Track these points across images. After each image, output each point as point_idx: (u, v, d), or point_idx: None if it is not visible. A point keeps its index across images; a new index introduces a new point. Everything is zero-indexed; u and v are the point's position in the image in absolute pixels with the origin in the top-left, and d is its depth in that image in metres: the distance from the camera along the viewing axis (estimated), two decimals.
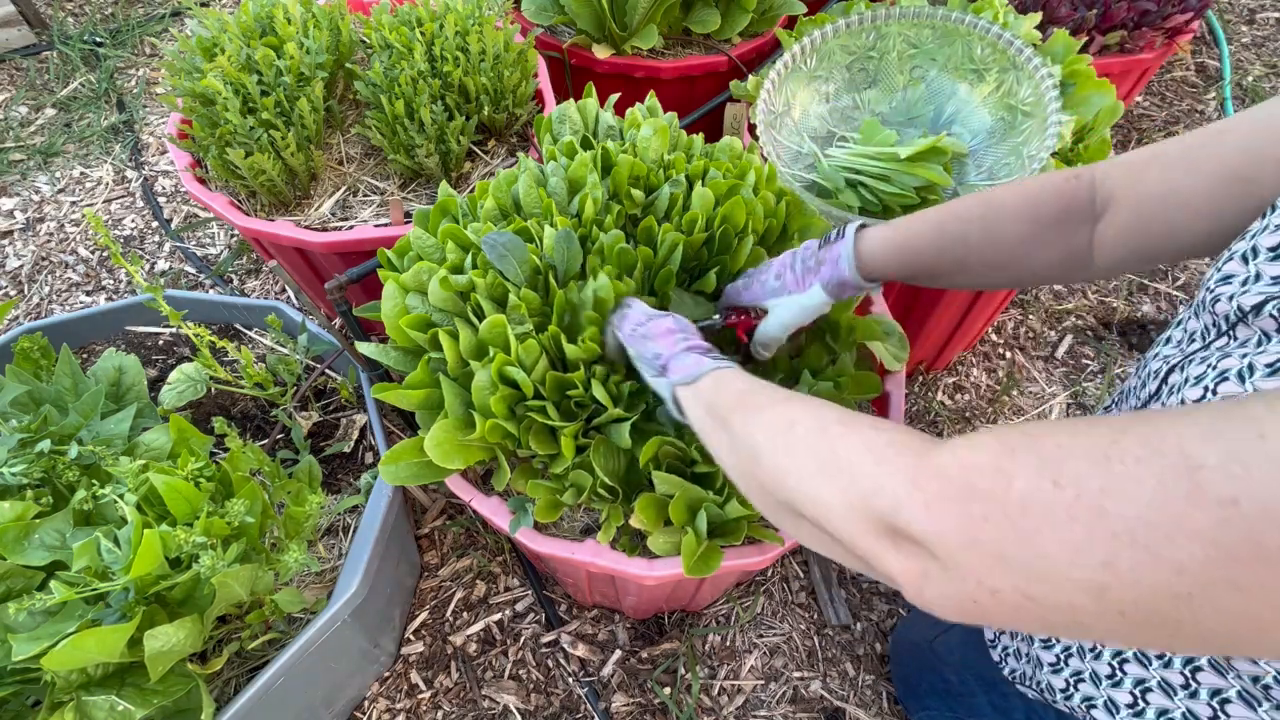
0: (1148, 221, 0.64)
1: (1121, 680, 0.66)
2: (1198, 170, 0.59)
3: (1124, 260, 0.68)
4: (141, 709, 0.74)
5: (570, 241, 0.83)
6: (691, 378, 0.65)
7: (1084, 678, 0.72)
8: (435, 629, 1.36)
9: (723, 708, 1.28)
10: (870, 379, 0.97)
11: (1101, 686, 0.68)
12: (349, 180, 1.39)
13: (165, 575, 0.76)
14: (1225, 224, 0.58)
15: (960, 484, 0.37)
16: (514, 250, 0.82)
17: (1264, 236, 0.51)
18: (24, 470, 0.81)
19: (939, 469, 0.39)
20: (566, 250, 0.84)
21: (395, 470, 0.86)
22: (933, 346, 1.66)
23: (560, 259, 0.84)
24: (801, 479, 0.47)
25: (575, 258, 0.84)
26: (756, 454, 0.52)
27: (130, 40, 2.51)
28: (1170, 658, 0.60)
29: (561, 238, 0.83)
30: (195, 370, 1.06)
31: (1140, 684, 0.64)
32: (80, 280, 1.89)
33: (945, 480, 0.38)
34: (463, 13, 1.34)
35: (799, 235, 1.05)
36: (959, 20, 1.12)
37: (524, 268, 0.83)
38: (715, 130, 1.64)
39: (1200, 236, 0.61)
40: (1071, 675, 0.73)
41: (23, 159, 2.14)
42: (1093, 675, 0.70)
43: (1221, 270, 0.54)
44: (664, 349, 0.71)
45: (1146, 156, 0.65)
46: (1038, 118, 1.06)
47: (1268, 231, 0.51)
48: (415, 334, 0.85)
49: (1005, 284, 0.79)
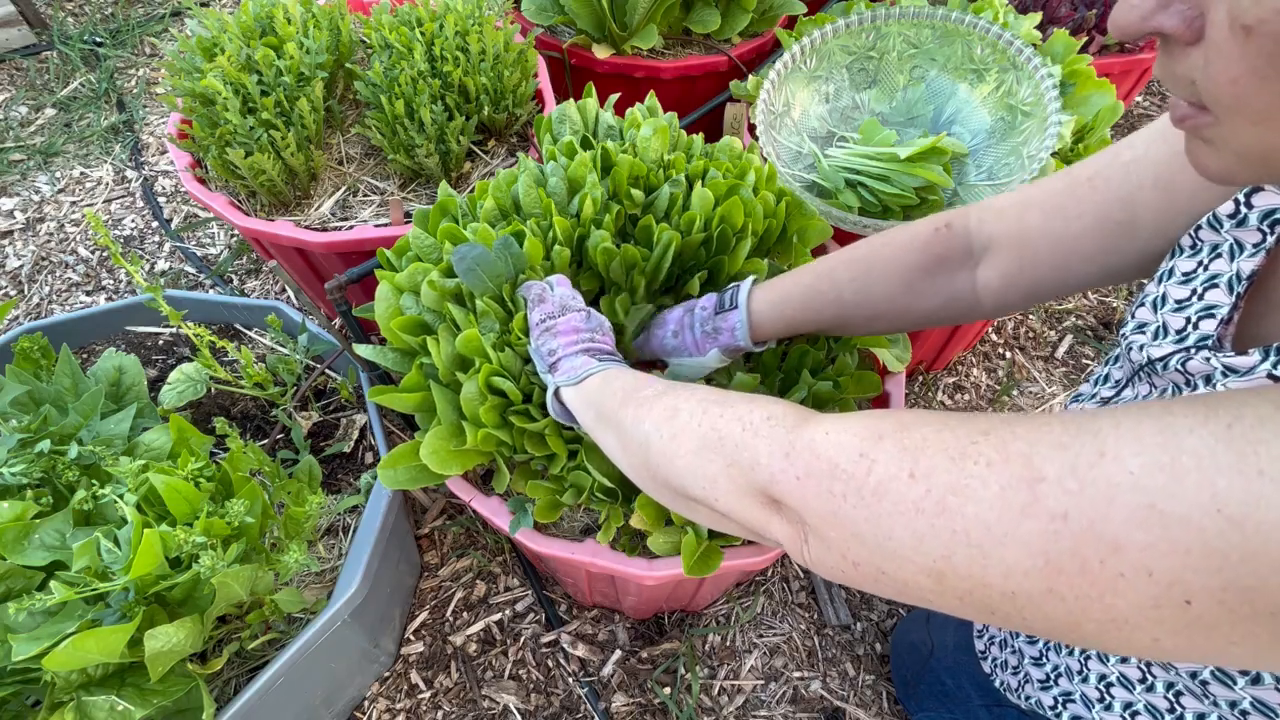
0: (1035, 265, 0.65)
1: (1111, 703, 0.67)
2: (1079, 217, 0.61)
3: (1016, 301, 0.70)
4: (141, 709, 0.74)
5: (510, 246, 0.82)
6: (576, 379, 0.66)
7: (1073, 698, 0.72)
8: (435, 629, 1.36)
9: (723, 708, 1.28)
10: (870, 379, 0.97)
11: (1094, 711, 0.69)
12: (349, 180, 1.39)
13: (165, 575, 0.76)
14: (1113, 263, 0.60)
15: (826, 462, 0.40)
16: (483, 264, 0.81)
17: (1173, 286, 0.52)
18: (24, 470, 0.81)
19: (810, 444, 0.41)
20: (508, 256, 0.82)
21: (394, 474, 0.85)
22: (933, 346, 1.66)
23: (505, 266, 0.83)
24: (688, 460, 0.49)
25: (520, 262, 0.83)
26: (647, 444, 0.53)
27: (130, 40, 2.51)
28: (1153, 682, 0.61)
29: (501, 244, 0.82)
30: (195, 370, 1.06)
31: (1128, 707, 0.64)
32: (80, 280, 1.89)
33: (813, 456, 0.41)
34: (463, 13, 1.34)
35: (798, 236, 1.05)
36: (959, 20, 1.12)
37: (495, 281, 0.82)
38: (715, 130, 1.64)
39: (1093, 275, 0.63)
40: (1060, 694, 0.74)
41: (23, 159, 2.14)
42: (1082, 697, 0.70)
43: (1135, 317, 0.56)
44: (559, 346, 0.71)
45: (1021, 201, 0.66)
46: (1038, 118, 1.06)
47: (1174, 281, 0.52)
48: (407, 337, 0.85)
49: (892, 331, 0.81)
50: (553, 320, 0.73)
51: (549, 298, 0.76)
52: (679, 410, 0.52)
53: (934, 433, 0.37)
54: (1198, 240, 0.53)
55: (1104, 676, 0.67)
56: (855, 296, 0.75)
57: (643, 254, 0.89)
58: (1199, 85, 0.34)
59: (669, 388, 0.56)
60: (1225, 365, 0.45)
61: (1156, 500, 0.29)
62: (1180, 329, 0.51)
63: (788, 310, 0.79)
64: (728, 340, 0.81)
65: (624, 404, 0.58)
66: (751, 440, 0.45)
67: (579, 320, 0.73)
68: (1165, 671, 0.59)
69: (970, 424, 0.37)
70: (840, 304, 0.76)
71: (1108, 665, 0.66)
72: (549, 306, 0.75)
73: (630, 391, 0.59)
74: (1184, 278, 0.52)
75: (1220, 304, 0.49)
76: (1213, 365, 0.46)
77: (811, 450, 0.41)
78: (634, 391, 0.58)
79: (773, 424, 0.44)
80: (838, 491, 0.39)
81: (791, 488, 0.41)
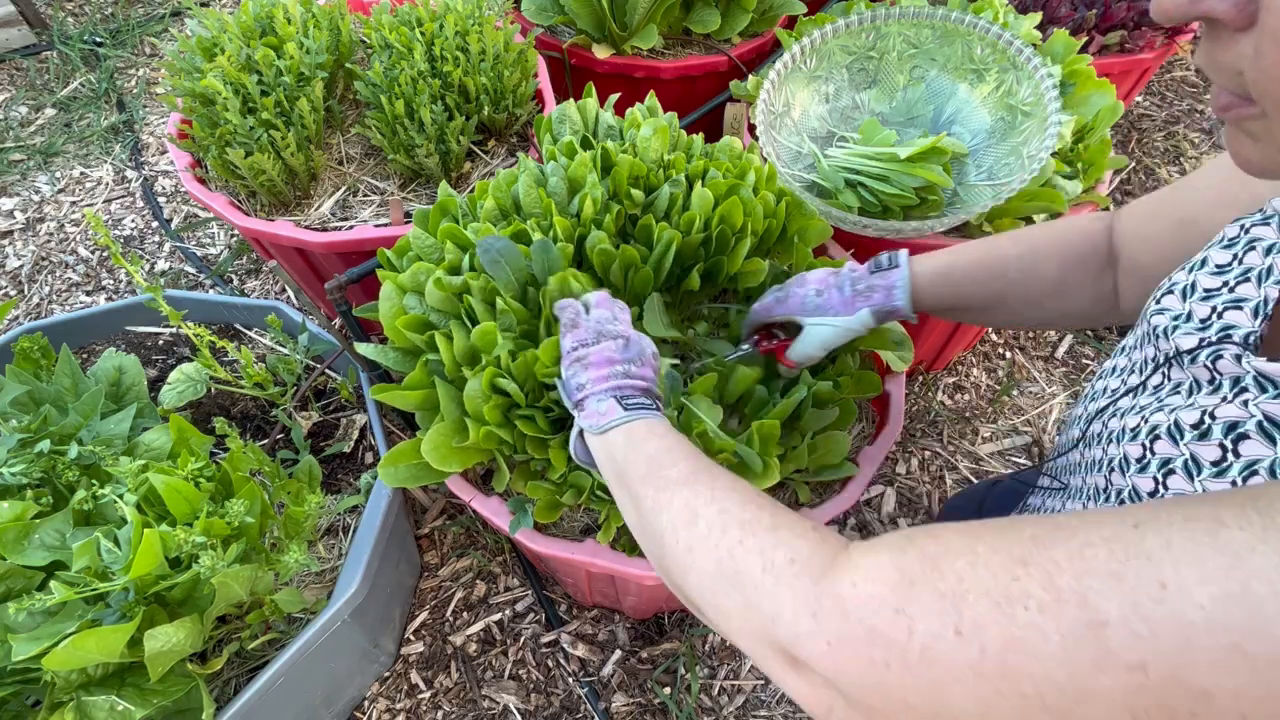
0: (1169, 268, 0.62)
1: None
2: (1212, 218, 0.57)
3: None
4: (141, 709, 0.74)
5: (548, 250, 0.82)
6: (600, 428, 0.60)
7: None
8: (435, 629, 1.36)
9: (723, 708, 1.28)
10: (871, 379, 0.97)
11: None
12: (349, 180, 1.39)
13: (165, 575, 0.76)
14: None
15: (861, 625, 0.36)
16: (508, 256, 0.81)
17: (1204, 276, 0.50)
18: (24, 470, 0.81)
19: (838, 602, 0.37)
20: (545, 259, 0.82)
21: (394, 472, 0.85)
22: (933, 346, 1.66)
23: (540, 268, 0.83)
24: (702, 583, 0.45)
25: (555, 264, 0.83)
26: (661, 539, 0.49)
27: (130, 40, 2.51)
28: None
29: (539, 247, 0.82)
30: (195, 370, 1.06)
31: None
32: (80, 280, 1.89)
33: (844, 618, 0.36)
34: (463, 13, 1.34)
35: (798, 236, 1.05)
36: (959, 20, 1.12)
37: (518, 274, 0.83)
38: (715, 130, 1.63)
39: None
40: None
41: (23, 159, 2.14)
42: None
43: (1160, 302, 0.53)
44: (589, 382, 0.64)
45: (1155, 203, 0.65)
46: (1037, 118, 1.06)
47: (1207, 271, 0.50)
48: (412, 335, 0.85)
49: (1040, 323, 0.78)
50: (585, 349, 0.66)
51: (582, 322, 0.69)
52: (698, 517, 0.47)
53: (968, 568, 0.33)
54: (1243, 233, 0.50)
55: None
56: (1019, 275, 0.73)
57: (642, 254, 0.89)
58: (1247, 76, 0.31)
59: (693, 473, 0.52)
60: (1259, 372, 0.42)
61: (1239, 641, 0.26)
62: (1205, 318, 0.49)
63: (953, 276, 0.76)
64: (882, 300, 0.77)
65: (645, 480, 0.53)
66: (773, 587, 0.40)
67: (614, 350, 0.66)
68: None
69: (1003, 550, 0.33)
70: (1005, 280, 0.73)
71: None
72: (582, 333, 0.68)
73: (654, 467, 0.54)
74: (1217, 269, 0.50)
75: (1250, 298, 0.47)
76: (1244, 368, 0.43)
77: (841, 610, 0.37)
78: (658, 469, 0.54)
79: (796, 571, 0.40)
80: (879, 660, 0.34)
81: (821, 654, 0.37)
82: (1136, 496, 0.45)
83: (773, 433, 0.83)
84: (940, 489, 1.59)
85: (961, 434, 1.69)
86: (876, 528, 1.52)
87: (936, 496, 1.58)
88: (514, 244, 0.82)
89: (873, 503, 1.56)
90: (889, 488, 1.58)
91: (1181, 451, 0.43)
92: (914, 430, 1.68)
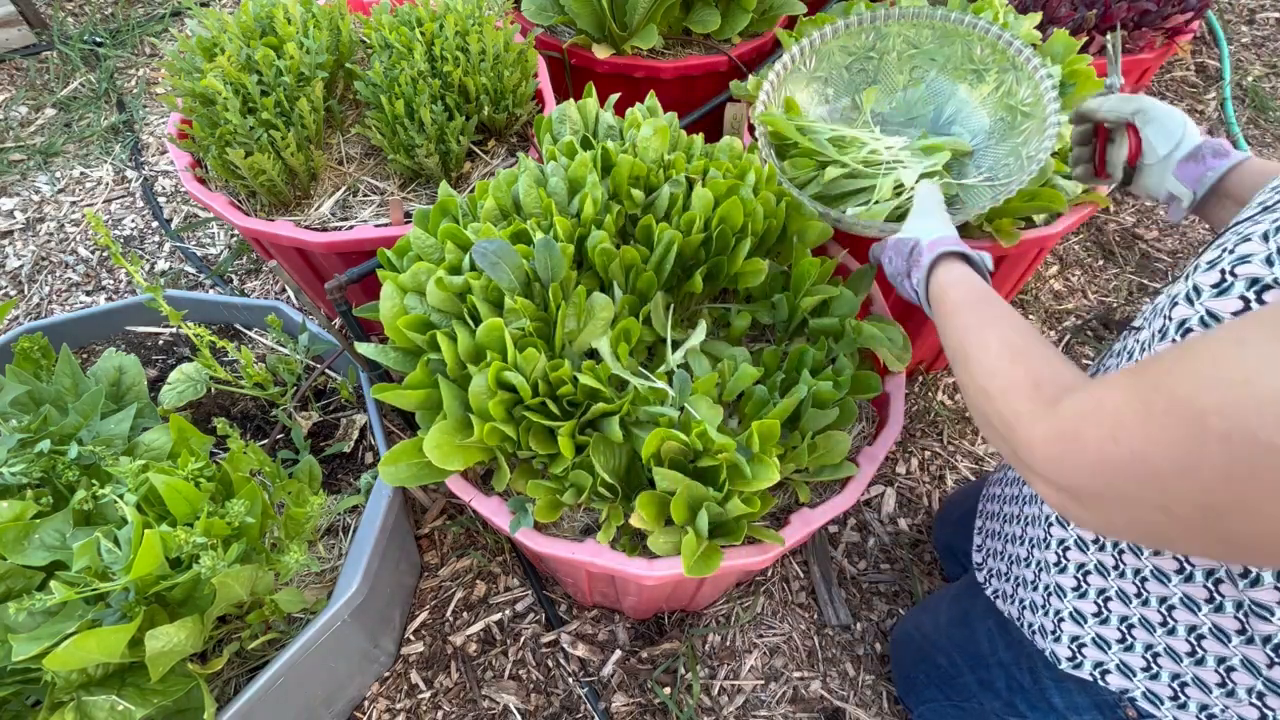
0: None
1: (1133, 645, 0.75)
2: None
3: None
4: (142, 709, 0.74)
5: (551, 248, 0.83)
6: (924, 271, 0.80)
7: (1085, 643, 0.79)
8: (435, 629, 1.36)
9: (723, 708, 1.28)
10: (870, 379, 0.97)
11: (1111, 650, 0.77)
12: (349, 180, 1.39)
13: (165, 575, 0.76)
14: None
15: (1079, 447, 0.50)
16: (505, 257, 0.82)
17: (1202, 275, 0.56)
18: (24, 470, 0.81)
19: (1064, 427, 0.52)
20: (549, 257, 0.84)
21: (395, 471, 0.86)
22: (933, 346, 1.66)
23: (543, 266, 0.84)
24: (990, 397, 0.61)
25: (558, 264, 0.84)
26: (967, 358, 0.66)
27: (130, 40, 2.51)
28: (1174, 625, 0.69)
29: (542, 245, 0.83)
30: (195, 370, 1.06)
31: (1150, 649, 0.72)
32: (80, 280, 1.89)
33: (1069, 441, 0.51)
34: (463, 13, 1.34)
35: (798, 236, 1.05)
36: (959, 20, 1.12)
37: (517, 273, 0.83)
38: (715, 130, 1.63)
39: None
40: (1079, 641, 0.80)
41: (23, 159, 2.14)
42: (1075, 614, 0.80)
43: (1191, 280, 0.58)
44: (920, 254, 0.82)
45: None
46: (1037, 118, 1.06)
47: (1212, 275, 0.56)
48: (414, 335, 0.85)
49: None
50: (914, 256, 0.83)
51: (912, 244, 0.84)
52: (988, 348, 0.64)
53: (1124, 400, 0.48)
54: None
55: (1125, 617, 0.72)
56: None
57: (643, 254, 0.90)
58: None
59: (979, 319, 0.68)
60: None
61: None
62: None
63: None
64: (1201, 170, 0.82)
65: (951, 314, 0.72)
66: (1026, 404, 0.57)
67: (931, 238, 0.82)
68: (1162, 585, 0.68)
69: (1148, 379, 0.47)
70: None
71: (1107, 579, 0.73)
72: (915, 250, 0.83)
73: (958, 306, 0.72)
74: None
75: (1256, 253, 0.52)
76: None
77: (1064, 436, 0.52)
78: (962, 306, 0.72)
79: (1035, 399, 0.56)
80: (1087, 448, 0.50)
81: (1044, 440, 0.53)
82: (1214, 319, 0.54)
83: (773, 432, 0.83)
84: (940, 489, 1.59)
85: (961, 434, 1.69)
86: (876, 528, 1.52)
87: (936, 496, 1.58)
88: (508, 244, 0.82)
89: (873, 503, 1.57)
90: (889, 488, 1.58)
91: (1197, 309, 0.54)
92: (914, 430, 1.68)
